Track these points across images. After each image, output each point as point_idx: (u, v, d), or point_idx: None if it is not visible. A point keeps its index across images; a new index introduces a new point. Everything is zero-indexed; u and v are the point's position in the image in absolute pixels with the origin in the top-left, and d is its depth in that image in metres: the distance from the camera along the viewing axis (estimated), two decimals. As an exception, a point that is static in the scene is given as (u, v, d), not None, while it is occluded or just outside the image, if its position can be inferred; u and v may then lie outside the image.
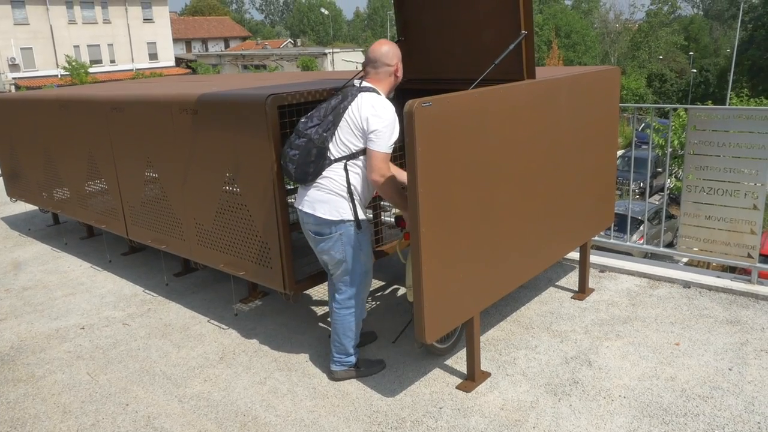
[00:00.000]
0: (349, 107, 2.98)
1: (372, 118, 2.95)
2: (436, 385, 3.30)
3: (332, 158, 3.01)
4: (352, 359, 3.36)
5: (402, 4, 3.78)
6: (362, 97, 3.00)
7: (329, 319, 3.42)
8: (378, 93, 3.05)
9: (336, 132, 2.99)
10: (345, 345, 3.30)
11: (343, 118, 2.98)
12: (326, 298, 4.46)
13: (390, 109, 3.01)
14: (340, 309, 3.25)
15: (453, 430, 2.92)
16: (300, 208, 3.13)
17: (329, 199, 3.03)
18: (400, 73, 3.17)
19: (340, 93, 3.06)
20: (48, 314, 4.49)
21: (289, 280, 3.45)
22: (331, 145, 3.00)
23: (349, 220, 3.06)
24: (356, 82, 3.10)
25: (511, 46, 3.21)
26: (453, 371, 3.42)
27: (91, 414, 3.22)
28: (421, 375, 3.39)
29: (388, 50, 3.10)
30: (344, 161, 3.01)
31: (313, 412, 3.13)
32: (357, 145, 3.00)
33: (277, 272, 3.46)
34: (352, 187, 3.04)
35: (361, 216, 3.10)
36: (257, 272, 3.67)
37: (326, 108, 3.00)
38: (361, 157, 3.03)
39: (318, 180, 3.04)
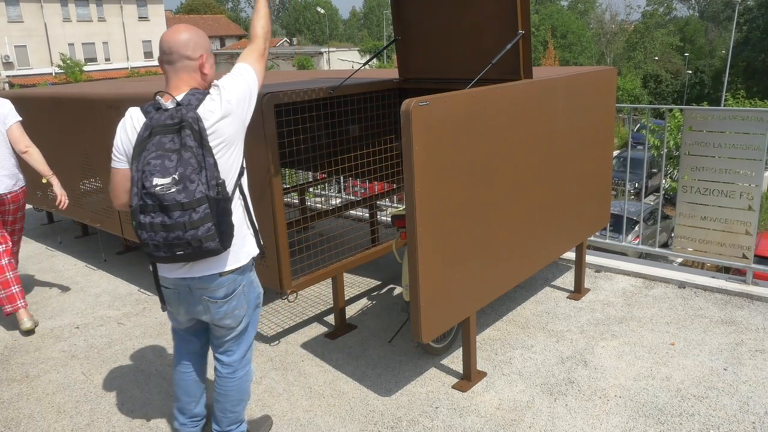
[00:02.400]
0: (211, 134, 2.23)
1: (247, 102, 2.36)
2: (433, 384, 3.30)
3: (230, 193, 2.33)
4: (245, 427, 2.79)
5: (399, 3, 3.78)
6: (208, 111, 2.24)
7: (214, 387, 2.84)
8: (204, 94, 2.27)
9: (218, 167, 2.23)
10: (239, 412, 2.71)
11: (214, 149, 2.23)
12: (324, 297, 4.47)
13: (222, 86, 2.32)
14: (234, 372, 2.62)
15: (449, 430, 2.91)
16: (189, 276, 2.37)
17: (234, 242, 2.37)
18: (209, 70, 2.35)
19: (163, 130, 2.18)
20: (42, 313, 4.46)
21: (285, 280, 3.44)
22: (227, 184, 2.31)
23: (252, 258, 2.51)
24: (168, 104, 2.22)
25: (508, 46, 3.21)
26: (449, 371, 3.42)
27: (86, 414, 3.21)
28: (417, 374, 3.39)
29: (188, 38, 2.28)
30: (239, 184, 2.40)
31: (309, 411, 3.12)
32: (242, 147, 2.40)
33: (274, 272, 3.45)
34: (250, 208, 2.47)
35: (260, 235, 2.56)
36: (253, 271, 3.66)
37: (193, 153, 2.14)
38: (243, 161, 2.42)
39: None
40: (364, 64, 4.58)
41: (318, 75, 5.32)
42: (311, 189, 6.72)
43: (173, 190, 2.11)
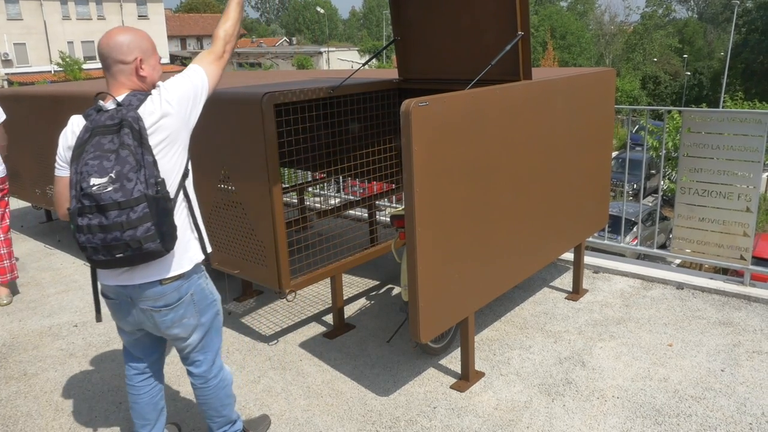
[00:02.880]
0: (152, 134, 2.16)
1: (192, 104, 2.28)
2: (431, 384, 3.30)
3: (172, 196, 2.25)
4: (240, 425, 2.74)
5: (399, 3, 3.78)
6: (148, 112, 2.17)
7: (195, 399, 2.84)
8: (145, 95, 2.21)
9: (158, 166, 2.16)
10: (227, 415, 2.66)
11: (151, 147, 2.14)
12: (322, 297, 4.47)
13: (165, 86, 2.26)
14: (207, 382, 2.56)
15: (447, 430, 2.92)
16: (129, 283, 2.29)
17: (175, 246, 2.25)
18: (149, 72, 2.27)
19: (103, 131, 2.13)
20: (41, 312, 4.46)
21: (283, 279, 3.45)
22: (167, 185, 2.21)
23: (197, 265, 2.38)
24: (108, 105, 2.17)
25: (507, 47, 3.22)
26: (447, 371, 3.42)
27: (84, 412, 3.21)
28: (415, 374, 3.40)
29: (121, 41, 2.21)
30: (183, 187, 2.30)
31: (307, 411, 3.13)
32: (186, 151, 2.31)
33: (272, 271, 3.46)
34: (196, 213, 2.36)
35: (206, 240, 2.42)
36: (252, 271, 3.66)
37: (131, 151, 2.08)
38: (189, 162, 2.35)
39: None
40: (364, 65, 4.58)
41: (317, 74, 5.32)
42: (310, 189, 6.72)
43: (110, 188, 2.05)
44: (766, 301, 4.07)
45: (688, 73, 51.74)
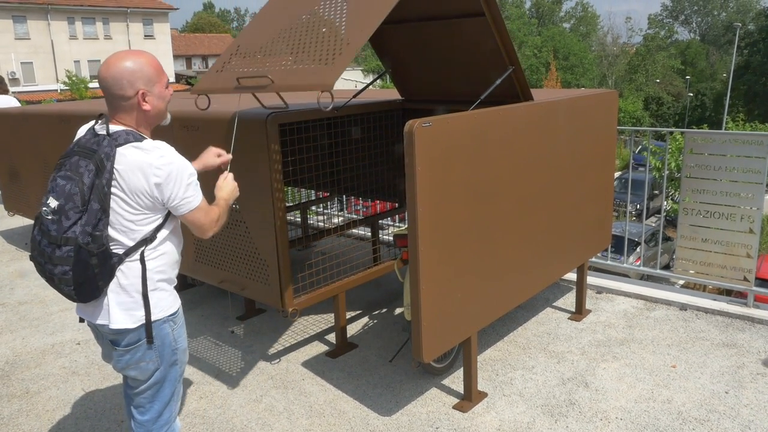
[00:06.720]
0: (116, 178, 2.04)
1: (164, 184, 2.08)
2: (433, 404, 3.29)
3: (121, 252, 2.11)
4: None
5: (382, 45, 3.80)
6: (125, 156, 2.04)
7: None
8: (140, 139, 2.09)
9: (113, 218, 2.07)
10: None
11: (113, 197, 2.05)
12: (325, 315, 4.47)
13: (168, 152, 2.11)
14: None
15: (449, 451, 2.90)
16: (89, 320, 2.23)
17: (124, 301, 2.14)
18: (154, 102, 2.15)
19: (84, 153, 2.06)
20: (44, 329, 4.47)
21: (286, 298, 3.45)
22: (113, 240, 2.09)
23: (143, 324, 2.18)
24: (99, 128, 2.11)
25: (498, 81, 3.25)
26: (450, 391, 3.41)
27: (86, 431, 3.20)
28: (417, 394, 3.39)
29: (122, 73, 2.09)
30: (140, 250, 2.13)
31: (309, 430, 3.11)
32: (152, 220, 2.14)
33: (275, 289, 3.46)
34: (149, 282, 2.16)
35: (165, 311, 2.22)
36: (255, 289, 3.67)
37: (81, 190, 2.00)
38: (162, 233, 2.18)
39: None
40: (365, 88, 4.61)
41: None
42: (313, 207, 6.75)
43: (50, 217, 2.01)
44: (770, 323, 4.06)
45: (691, 95, 52.01)
